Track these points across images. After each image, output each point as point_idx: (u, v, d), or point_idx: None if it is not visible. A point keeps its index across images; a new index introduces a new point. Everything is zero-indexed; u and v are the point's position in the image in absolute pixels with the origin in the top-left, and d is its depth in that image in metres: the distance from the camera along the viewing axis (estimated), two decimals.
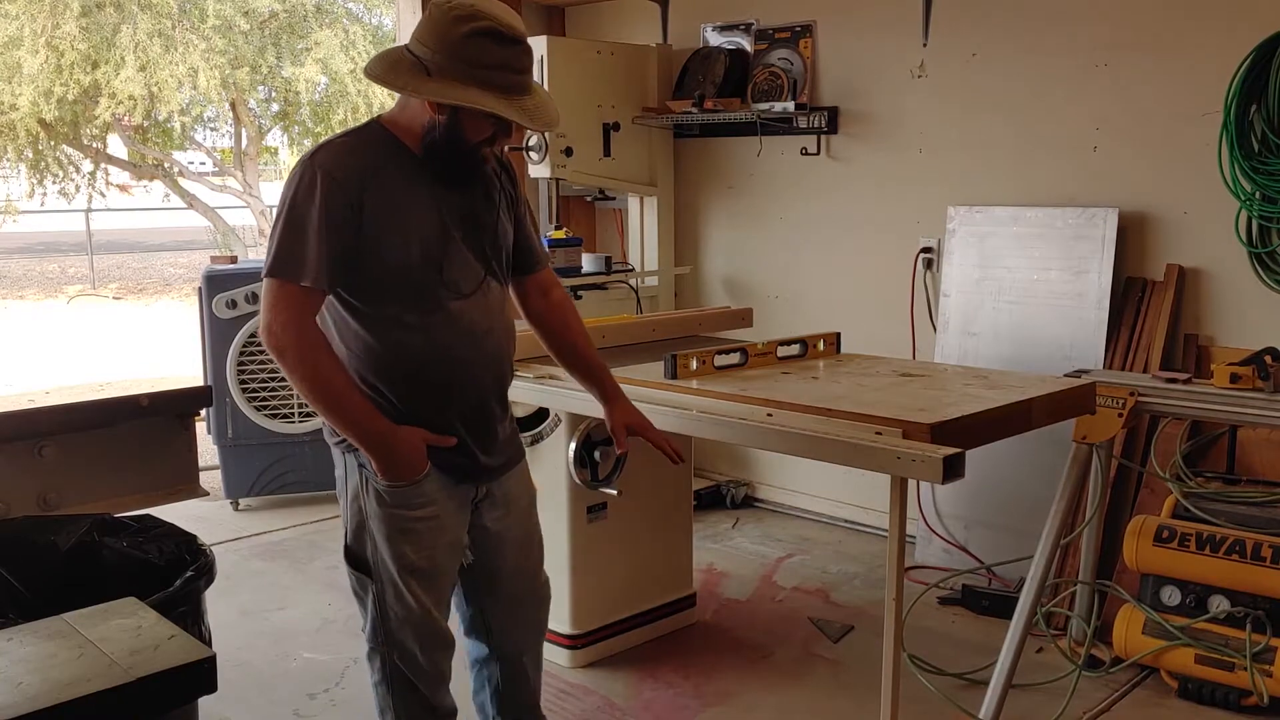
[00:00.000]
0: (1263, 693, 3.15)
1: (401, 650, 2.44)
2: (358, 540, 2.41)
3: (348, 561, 2.44)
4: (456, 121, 2.23)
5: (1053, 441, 3.52)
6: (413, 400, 2.34)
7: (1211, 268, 3.91)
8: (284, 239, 2.20)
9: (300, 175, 2.22)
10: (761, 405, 2.66)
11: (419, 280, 2.29)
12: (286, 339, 2.20)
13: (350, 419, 2.27)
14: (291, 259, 2.19)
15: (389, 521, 2.36)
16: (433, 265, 2.29)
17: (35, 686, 1.51)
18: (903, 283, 4.65)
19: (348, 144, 2.28)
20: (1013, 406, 2.68)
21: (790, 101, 4.84)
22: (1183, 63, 3.89)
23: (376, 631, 2.44)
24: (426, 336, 2.32)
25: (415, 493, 2.35)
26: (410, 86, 2.21)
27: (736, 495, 5.29)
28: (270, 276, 2.21)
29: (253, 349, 5.17)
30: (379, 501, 2.35)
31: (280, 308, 2.20)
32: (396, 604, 2.41)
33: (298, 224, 2.20)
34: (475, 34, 2.17)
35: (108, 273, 18.04)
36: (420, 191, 2.30)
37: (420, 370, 2.33)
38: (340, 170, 2.21)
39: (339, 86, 14.35)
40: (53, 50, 12.65)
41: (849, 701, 3.36)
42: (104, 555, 2.48)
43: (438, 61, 2.19)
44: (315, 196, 2.18)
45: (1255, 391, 3.09)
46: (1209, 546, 3.30)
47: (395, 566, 2.38)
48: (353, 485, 2.39)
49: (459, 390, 2.39)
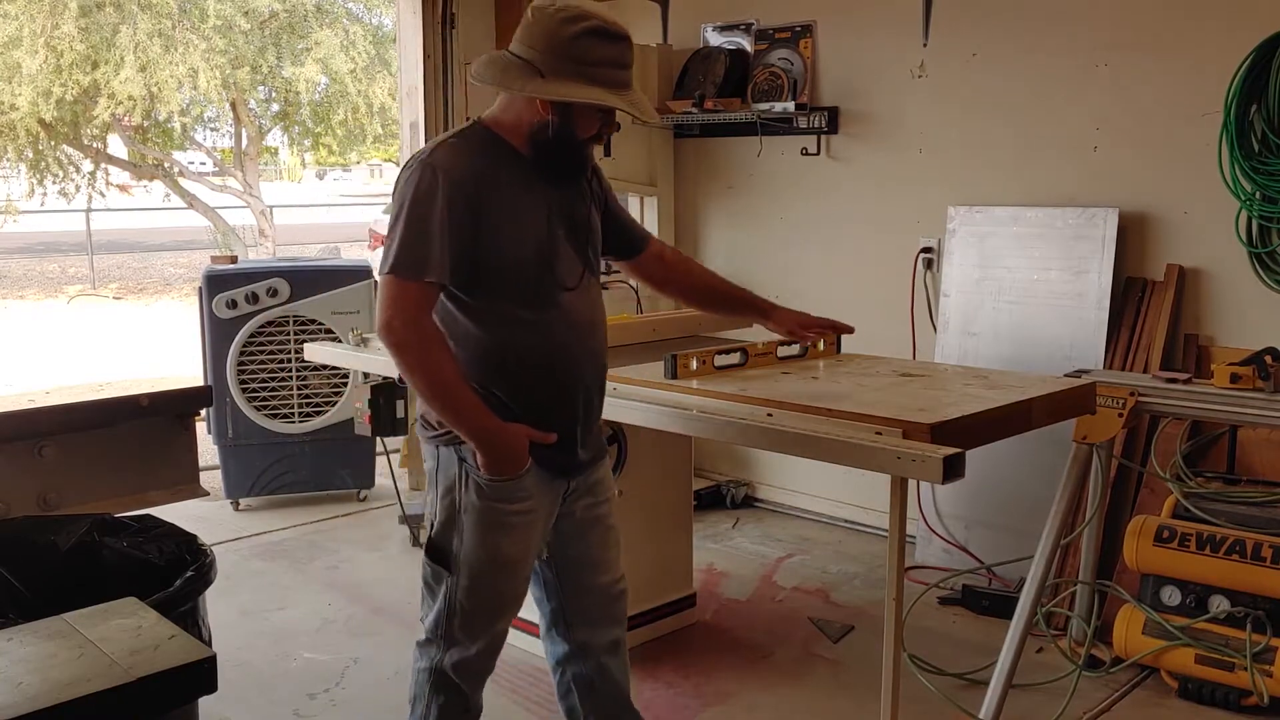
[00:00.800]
0: (1263, 693, 3.15)
1: (459, 648, 2.48)
2: (444, 533, 2.45)
3: (428, 554, 2.48)
4: (568, 119, 2.32)
5: (1053, 441, 3.52)
6: (522, 395, 2.39)
7: (1211, 268, 3.91)
8: (405, 237, 2.25)
9: (419, 175, 2.27)
10: (761, 405, 2.66)
11: (533, 277, 2.36)
12: (408, 335, 2.26)
13: (462, 414, 2.31)
14: (413, 256, 2.25)
15: (486, 515, 2.40)
16: (545, 262, 2.37)
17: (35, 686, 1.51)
18: (903, 283, 4.65)
19: (461, 145, 2.34)
20: (1013, 406, 2.68)
21: (790, 101, 4.84)
22: (1183, 63, 3.89)
23: (439, 625, 2.48)
24: (538, 332, 2.38)
25: (516, 487, 2.40)
26: (528, 88, 2.29)
27: (736, 495, 5.29)
28: (391, 274, 2.26)
29: (253, 349, 5.18)
30: (479, 494, 2.39)
31: (401, 304, 2.26)
32: (468, 600, 2.45)
33: (418, 222, 2.25)
34: (584, 33, 2.27)
35: (108, 273, 18.04)
36: (529, 190, 2.37)
37: (531, 366, 2.39)
38: (458, 170, 2.28)
39: (339, 86, 14.36)
40: (51, 51, 12.64)
41: (849, 701, 3.36)
42: (104, 555, 2.48)
43: (548, 62, 2.28)
44: (436, 195, 2.24)
45: (1255, 391, 3.09)
46: (1209, 546, 3.30)
47: (486, 560, 2.42)
48: (448, 478, 2.43)
49: (567, 385, 2.45)
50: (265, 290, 5.13)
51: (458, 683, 2.50)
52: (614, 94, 2.31)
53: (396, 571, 4.51)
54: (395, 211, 2.30)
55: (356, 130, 15.63)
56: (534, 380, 2.40)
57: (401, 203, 2.28)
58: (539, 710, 3.33)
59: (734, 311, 2.91)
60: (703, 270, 2.85)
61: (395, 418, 3.72)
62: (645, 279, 2.83)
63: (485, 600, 2.46)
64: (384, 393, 3.70)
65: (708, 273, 2.84)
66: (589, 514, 2.60)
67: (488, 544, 2.42)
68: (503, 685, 3.47)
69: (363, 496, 5.46)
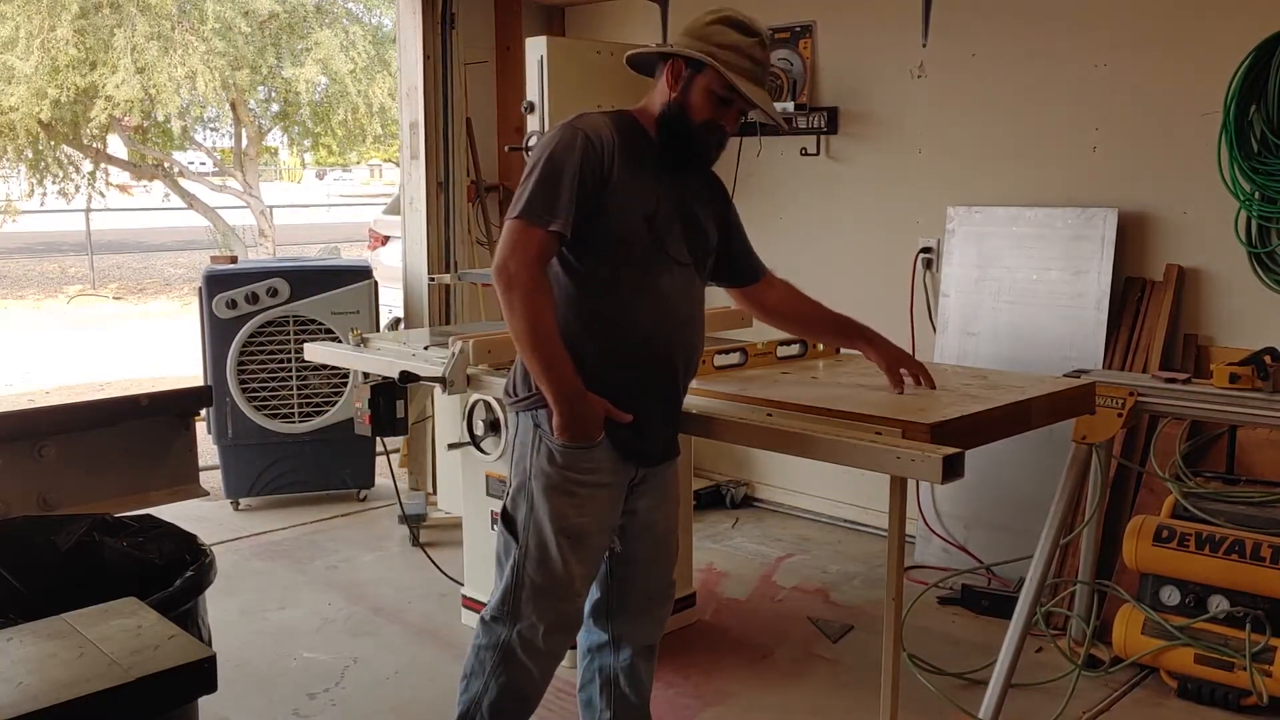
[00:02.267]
0: (1262, 693, 3.15)
1: (526, 625, 2.49)
2: (515, 500, 2.49)
3: (501, 521, 2.52)
4: (686, 96, 2.44)
5: (1052, 441, 3.52)
6: (611, 364, 2.44)
7: (1211, 268, 3.91)
8: (539, 186, 2.33)
9: (561, 133, 2.38)
10: (761, 405, 2.66)
11: (641, 252, 2.43)
12: (522, 277, 2.31)
13: (552, 367, 2.35)
14: (543, 204, 2.32)
15: (555, 481, 2.44)
16: (656, 240, 2.45)
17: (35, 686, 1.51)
18: (902, 283, 4.66)
19: (605, 118, 2.45)
20: (1012, 406, 2.68)
21: (790, 102, 4.84)
22: (1182, 63, 3.89)
23: (506, 599, 2.50)
24: (637, 306, 2.44)
25: (585, 457, 2.44)
26: (657, 46, 2.50)
27: (736, 495, 5.29)
28: (519, 218, 2.33)
29: (253, 349, 5.18)
30: (549, 459, 2.44)
31: (521, 247, 2.32)
32: (537, 573, 2.47)
33: (553, 174, 2.33)
34: (718, 20, 2.43)
35: (108, 273, 18.03)
36: (653, 172, 2.47)
37: (625, 337, 2.44)
38: (598, 137, 2.38)
39: (339, 87, 14.34)
40: (46, 53, 12.62)
41: (849, 701, 3.36)
42: (104, 555, 2.48)
43: (683, 41, 2.45)
44: (575, 153, 2.34)
45: (1255, 391, 3.09)
46: (1208, 546, 3.31)
47: (552, 526, 2.45)
48: (523, 444, 2.48)
49: (655, 366, 2.49)
50: (265, 290, 5.13)
51: (526, 662, 2.52)
52: (734, 73, 2.39)
53: (396, 571, 4.51)
54: (533, 162, 2.38)
55: (356, 130, 15.61)
56: (623, 351, 2.45)
57: (540, 155, 2.36)
58: (539, 710, 3.32)
59: (838, 338, 2.97)
60: (808, 300, 2.88)
61: (395, 418, 3.72)
62: (758, 308, 2.90)
63: (552, 574, 2.47)
64: (384, 393, 3.69)
65: (812, 302, 2.88)
66: (650, 515, 2.64)
67: (555, 512, 2.45)
68: None
69: (363, 496, 5.46)
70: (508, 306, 2.34)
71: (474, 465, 3.76)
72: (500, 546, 2.53)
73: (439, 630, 3.90)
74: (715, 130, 2.48)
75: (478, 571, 3.85)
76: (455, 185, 5.24)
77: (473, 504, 3.82)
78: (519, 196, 2.36)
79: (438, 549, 4.53)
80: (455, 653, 3.69)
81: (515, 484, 2.50)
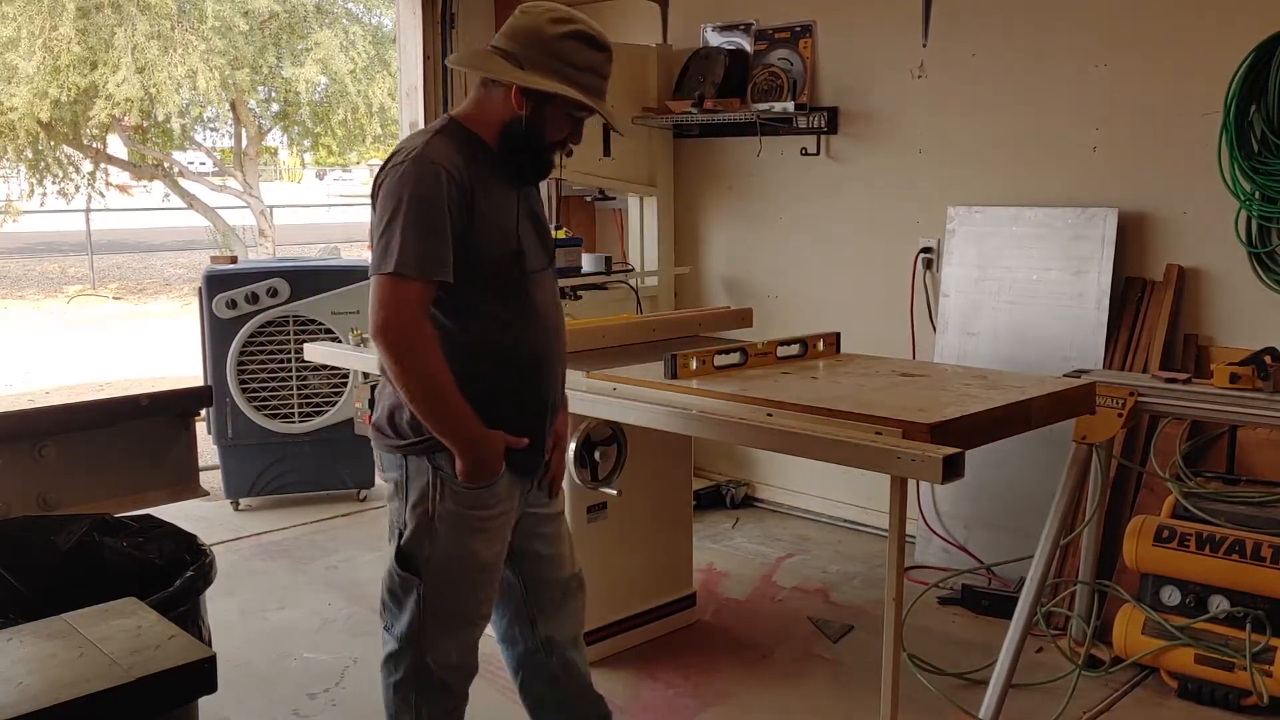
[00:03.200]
0: (1262, 693, 3.15)
1: (437, 651, 2.45)
2: (415, 540, 2.41)
3: (398, 562, 2.43)
4: (540, 117, 2.34)
5: (1053, 441, 3.52)
6: (502, 393, 2.39)
7: (1211, 268, 3.91)
8: (412, 235, 2.20)
9: (419, 170, 2.23)
10: (761, 405, 2.66)
11: (508, 275, 2.36)
12: (410, 337, 2.22)
13: (455, 421, 2.30)
14: (422, 255, 2.21)
15: (463, 521, 2.39)
16: (519, 260, 2.38)
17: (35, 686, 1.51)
18: (902, 283, 4.65)
19: (448, 143, 2.32)
20: (1012, 406, 2.68)
21: (790, 101, 4.84)
22: (1183, 63, 3.89)
23: (412, 631, 2.43)
24: (519, 330, 2.39)
25: (490, 493, 2.40)
26: (507, 75, 2.30)
27: (736, 495, 5.29)
28: (394, 274, 2.20)
29: (253, 349, 5.18)
30: (456, 501, 2.37)
31: (404, 304, 2.22)
32: (442, 604, 2.42)
33: (425, 219, 2.21)
34: (570, 36, 2.31)
35: (108, 273, 18.03)
36: (504, 188, 2.39)
37: (513, 363, 2.39)
38: (455, 168, 2.26)
39: (339, 86, 14.35)
40: (48, 52, 12.63)
41: (849, 701, 3.36)
42: (104, 555, 2.47)
43: (531, 57, 2.30)
44: (440, 191, 2.23)
45: (1255, 391, 3.09)
46: (1209, 546, 3.31)
47: (460, 565, 2.41)
48: (420, 486, 2.39)
49: (540, 382, 2.46)
50: (265, 290, 5.13)
51: (446, 681, 2.48)
52: (590, 98, 2.33)
53: None
54: (393, 207, 2.23)
55: (356, 130, 15.61)
56: (512, 379, 2.40)
57: (398, 199, 2.22)
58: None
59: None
60: None
61: None
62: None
63: (459, 605, 2.44)
64: None
65: None
66: (545, 509, 2.61)
67: (463, 550, 2.40)
68: (501, 685, 3.47)
69: (362, 496, 5.46)
70: (398, 371, 2.25)
71: None
72: (396, 584, 2.43)
73: None
74: (563, 145, 2.45)
75: None
76: None
77: None
78: (385, 248, 2.22)
79: None
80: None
81: (415, 524, 2.39)
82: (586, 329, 3.61)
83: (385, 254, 2.22)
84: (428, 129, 2.40)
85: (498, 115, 2.35)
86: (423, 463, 2.38)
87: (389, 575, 2.45)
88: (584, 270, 4.92)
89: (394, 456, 2.42)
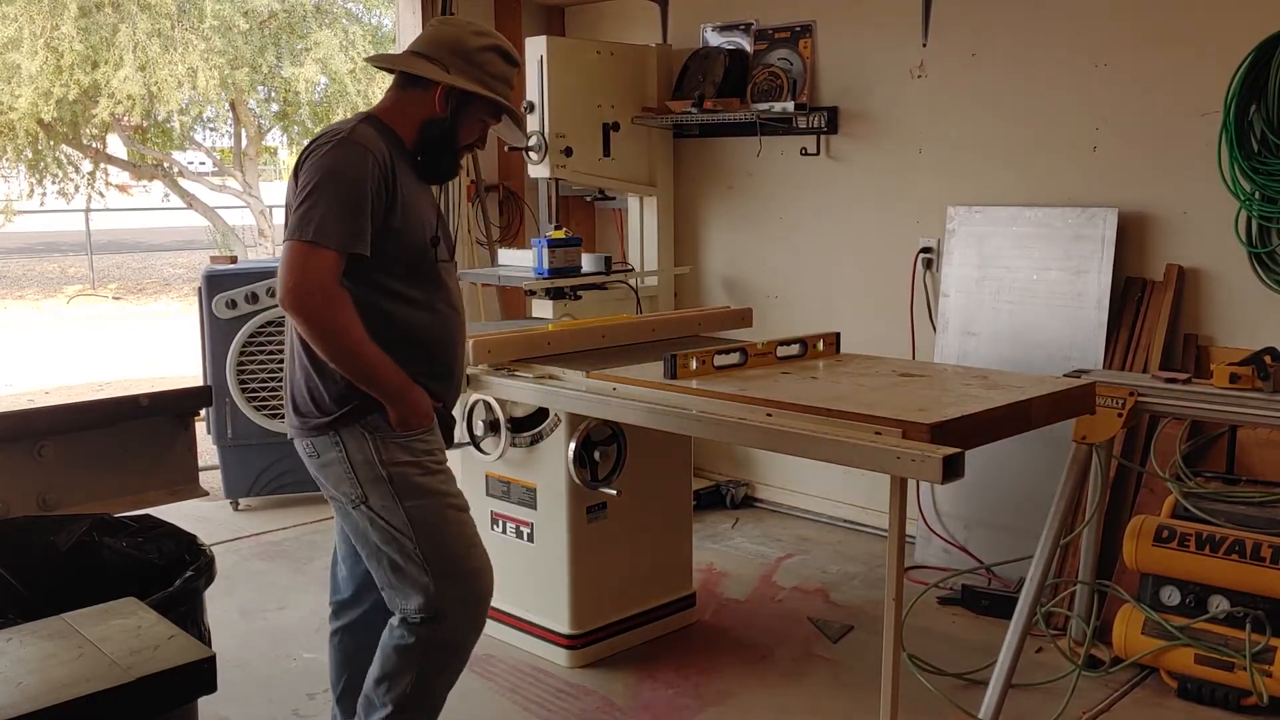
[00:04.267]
0: (1262, 693, 3.15)
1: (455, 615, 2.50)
2: (385, 506, 2.46)
3: (377, 534, 2.48)
4: (457, 120, 2.53)
5: (1053, 441, 3.52)
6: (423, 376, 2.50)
7: (1211, 268, 3.91)
8: (332, 207, 2.30)
9: (345, 149, 2.36)
10: (761, 405, 2.66)
11: (425, 258, 2.51)
12: (322, 300, 2.31)
13: (377, 368, 2.39)
14: (341, 227, 2.31)
15: (417, 466, 2.48)
16: (433, 248, 2.53)
17: (35, 686, 1.51)
18: (902, 283, 4.65)
19: (372, 131, 2.44)
20: (1012, 406, 2.68)
21: (790, 101, 4.84)
22: (1182, 63, 3.89)
23: (429, 600, 2.47)
24: (428, 311, 2.53)
25: (432, 438, 2.53)
26: (438, 76, 2.48)
27: (736, 495, 5.29)
28: (313, 241, 2.29)
29: (253, 349, 5.17)
30: (403, 451, 2.46)
31: (315, 271, 2.30)
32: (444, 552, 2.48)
33: (347, 194, 2.33)
34: (489, 48, 2.54)
35: (107, 273, 18.03)
36: (419, 182, 2.56)
37: (421, 341, 2.51)
38: (381, 153, 2.39)
39: (339, 86, 14.34)
40: (51, 51, 12.64)
41: (849, 701, 3.36)
42: (104, 555, 2.47)
43: (455, 63, 2.50)
44: (365, 170, 2.34)
45: (1255, 391, 3.09)
46: (1209, 546, 3.31)
47: (441, 504, 2.49)
48: (363, 454, 2.46)
49: (455, 365, 2.61)
50: (265, 290, 5.13)
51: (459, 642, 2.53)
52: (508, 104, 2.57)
53: None
54: (314, 180, 2.33)
55: None
56: (434, 362, 2.53)
57: (323, 173, 2.33)
58: (538, 710, 3.33)
59: None
60: None
61: None
62: None
63: (459, 549, 2.52)
64: None
65: None
66: None
67: (431, 490, 2.49)
68: (502, 685, 3.47)
69: None
70: (315, 329, 2.33)
71: (474, 465, 3.76)
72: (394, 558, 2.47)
73: None
74: (470, 149, 2.64)
75: None
76: (455, 185, 5.24)
77: (472, 504, 3.81)
78: (303, 216, 2.31)
79: None
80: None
81: (376, 494, 2.46)
82: (586, 329, 3.61)
83: (302, 223, 2.31)
84: (351, 119, 2.52)
85: (416, 115, 2.51)
86: (356, 430, 2.45)
87: (383, 554, 2.49)
88: (584, 270, 4.91)
89: (326, 436, 2.48)
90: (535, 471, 3.57)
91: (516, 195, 5.76)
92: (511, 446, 3.57)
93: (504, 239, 5.68)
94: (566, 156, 4.78)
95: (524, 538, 3.63)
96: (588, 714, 3.30)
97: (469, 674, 3.50)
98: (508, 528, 3.68)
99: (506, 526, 3.69)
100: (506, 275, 4.75)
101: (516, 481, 3.63)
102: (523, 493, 3.62)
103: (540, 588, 3.61)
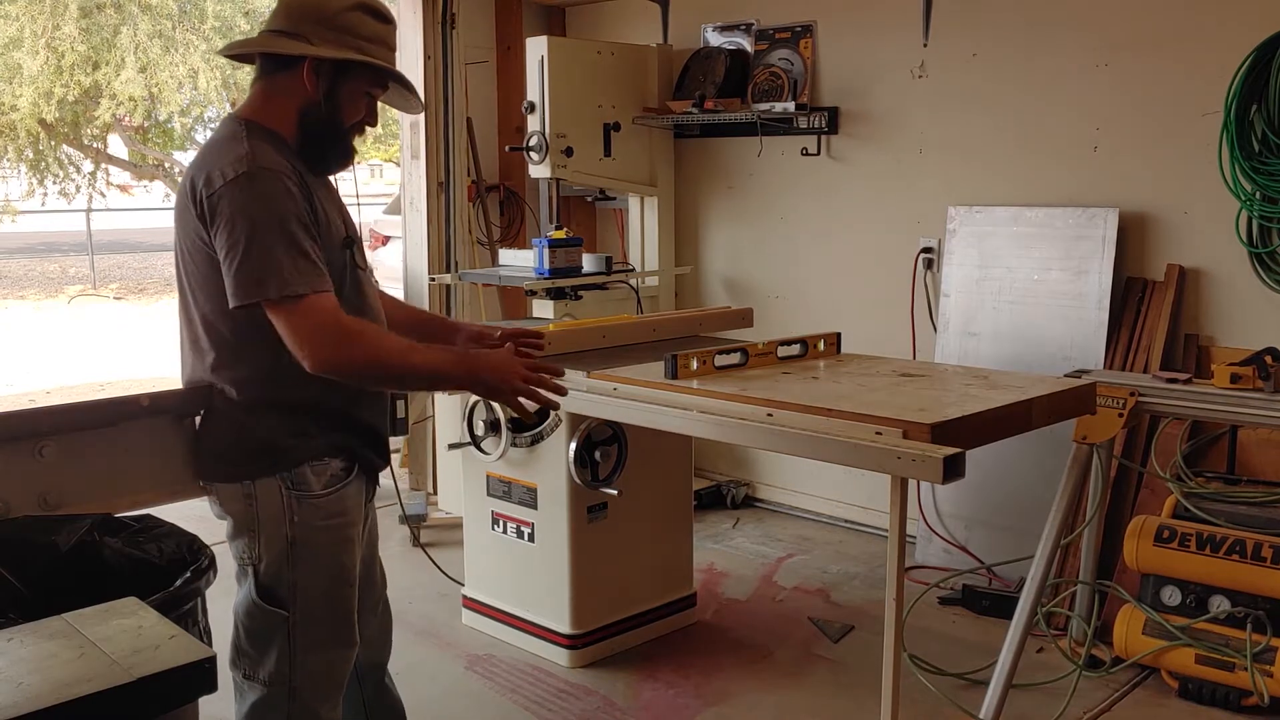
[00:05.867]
0: (1263, 693, 3.15)
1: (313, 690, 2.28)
2: (275, 571, 2.23)
3: (261, 598, 2.25)
4: (336, 97, 2.18)
5: (1053, 441, 3.52)
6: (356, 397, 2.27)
7: (1212, 268, 3.91)
8: (285, 253, 2.04)
9: (260, 183, 2.05)
10: (761, 405, 2.66)
11: (346, 269, 2.23)
12: (345, 349, 2.07)
13: (440, 363, 2.20)
14: (303, 270, 2.05)
15: (325, 533, 2.24)
16: (350, 255, 2.25)
17: (36, 686, 1.51)
18: (903, 283, 4.65)
19: (266, 147, 2.12)
20: (1013, 406, 2.68)
21: (790, 102, 4.84)
22: (1183, 63, 3.89)
23: (283, 673, 2.24)
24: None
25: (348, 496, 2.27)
26: (299, 49, 2.13)
27: (736, 495, 5.29)
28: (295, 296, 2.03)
29: None
30: (315, 514, 2.22)
31: (318, 325, 2.05)
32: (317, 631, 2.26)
33: (286, 232, 2.05)
34: (355, 7, 2.16)
35: (108, 273, 18.03)
36: (322, 187, 2.25)
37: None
38: (292, 173, 2.11)
39: None
40: (53, 52, 12.65)
41: (849, 701, 3.36)
42: (104, 555, 2.47)
43: (318, 32, 2.13)
44: (292, 200, 2.08)
45: (1255, 391, 3.09)
46: (1209, 546, 3.31)
47: (329, 581, 2.26)
48: (272, 510, 2.21)
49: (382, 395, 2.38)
50: None
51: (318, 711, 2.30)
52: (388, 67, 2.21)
53: (396, 572, 4.47)
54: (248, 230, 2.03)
55: None
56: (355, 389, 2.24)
57: (254, 218, 2.03)
58: (539, 710, 3.33)
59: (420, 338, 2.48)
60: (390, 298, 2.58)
61: (395, 418, 3.72)
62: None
63: (332, 630, 2.29)
64: None
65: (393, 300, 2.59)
66: (370, 523, 2.47)
67: (330, 565, 2.25)
68: (502, 685, 3.47)
69: None
70: (364, 379, 2.15)
71: (474, 465, 3.76)
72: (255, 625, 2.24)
73: (439, 630, 3.90)
74: (361, 128, 2.27)
75: (478, 571, 3.85)
76: (456, 185, 5.24)
77: (473, 504, 3.82)
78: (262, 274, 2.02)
79: (438, 549, 4.53)
80: (456, 652, 3.69)
81: (271, 555, 2.21)
82: (586, 329, 3.61)
83: (264, 282, 2.03)
84: (230, 136, 2.14)
85: (290, 106, 2.17)
86: (272, 483, 2.20)
87: (246, 616, 2.27)
88: (584, 270, 4.91)
89: (235, 486, 2.24)
90: (536, 471, 3.57)
91: (517, 195, 5.76)
92: (512, 446, 3.57)
93: (504, 239, 5.68)
94: (567, 156, 4.78)
95: (525, 538, 3.63)
96: (588, 714, 3.30)
97: (470, 674, 3.51)
98: (508, 528, 3.68)
99: (507, 526, 3.69)
100: (507, 275, 4.75)
101: (517, 481, 3.63)
102: (523, 493, 3.62)
103: (541, 587, 3.61)
